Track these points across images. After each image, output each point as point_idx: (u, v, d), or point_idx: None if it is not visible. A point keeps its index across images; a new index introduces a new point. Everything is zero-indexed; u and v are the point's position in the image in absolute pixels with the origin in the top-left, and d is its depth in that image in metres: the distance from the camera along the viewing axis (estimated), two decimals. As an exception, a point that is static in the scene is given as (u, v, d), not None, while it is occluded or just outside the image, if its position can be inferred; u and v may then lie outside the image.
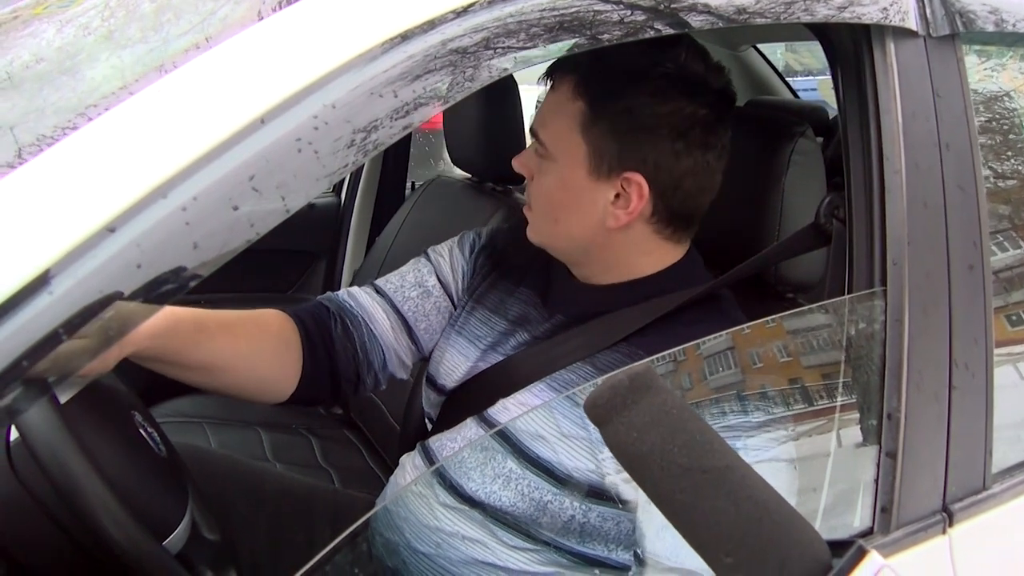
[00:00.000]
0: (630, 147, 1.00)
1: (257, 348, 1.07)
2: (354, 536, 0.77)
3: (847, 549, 0.59)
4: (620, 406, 0.58)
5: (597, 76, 1.01)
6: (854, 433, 0.90)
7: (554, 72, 1.04)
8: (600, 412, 0.59)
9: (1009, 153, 1.11)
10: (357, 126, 0.59)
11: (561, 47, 0.70)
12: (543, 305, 1.12)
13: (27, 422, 0.74)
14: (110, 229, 0.52)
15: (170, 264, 0.53)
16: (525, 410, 1.02)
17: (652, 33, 0.73)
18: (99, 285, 0.51)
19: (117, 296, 0.52)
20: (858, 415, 0.90)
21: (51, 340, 0.50)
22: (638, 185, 1.00)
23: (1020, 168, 1.14)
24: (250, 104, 0.57)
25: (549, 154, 1.04)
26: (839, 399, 0.90)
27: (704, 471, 0.57)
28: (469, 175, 1.97)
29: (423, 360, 1.23)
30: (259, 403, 1.13)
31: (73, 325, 0.51)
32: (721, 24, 0.77)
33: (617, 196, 1.01)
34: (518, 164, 1.08)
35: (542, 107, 1.06)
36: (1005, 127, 1.12)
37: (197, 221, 0.54)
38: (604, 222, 1.03)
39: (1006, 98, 1.13)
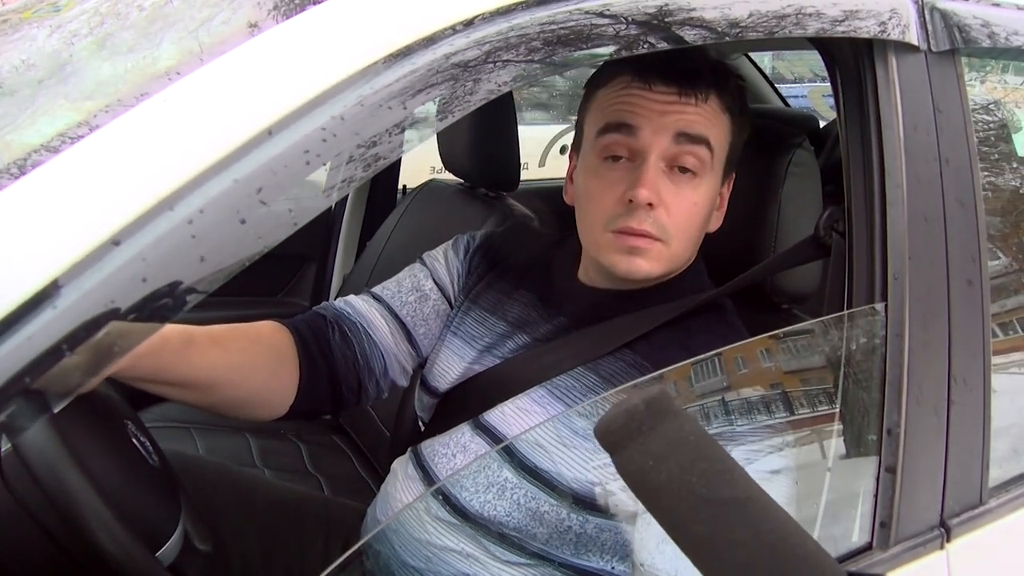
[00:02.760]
0: (738, 151, 1.07)
1: (250, 361, 1.04)
2: (350, 551, 0.76)
3: None
4: (636, 432, 0.55)
5: (727, 87, 1.03)
6: (854, 447, 0.90)
7: (699, 87, 0.99)
8: (614, 439, 0.56)
9: (1006, 167, 1.12)
10: (364, 139, 0.59)
11: (559, 61, 0.70)
12: (543, 306, 1.11)
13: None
14: (115, 242, 0.52)
15: (176, 277, 0.52)
16: (523, 415, 1.01)
17: (646, 47, 0.73)
18: (104, 299, 0.50)
19: (116, 312, 0.51)
20: (858, 429, 0.90)
21: (54, 354, 0.49)
22: (729, 183, 1.08)
23: (1016, 182, 1.14)
24: (257, 116, 0.56)
25: (709, 165, 1.01)
26: (839, 413, 0.90)
27: (724, 502, 0.55)
28: (462, 180, 1.96)
29: (423, 367, 1.22)
30: (258, 420, 1.09)
31: (77, 339, 0.50)
32: (714, 38, 0.77)
33: (718, 198, 1.06)
34: (650, 194, 0.97)
35: (698, 116, 0.99)
36: (1002, 141, 1.12)
37: (204, 234, 0.53)
38: (706, 226, 1.07)
39: (1003, 112, 1.13)
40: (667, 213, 0.99)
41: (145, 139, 0.55)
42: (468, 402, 1.08)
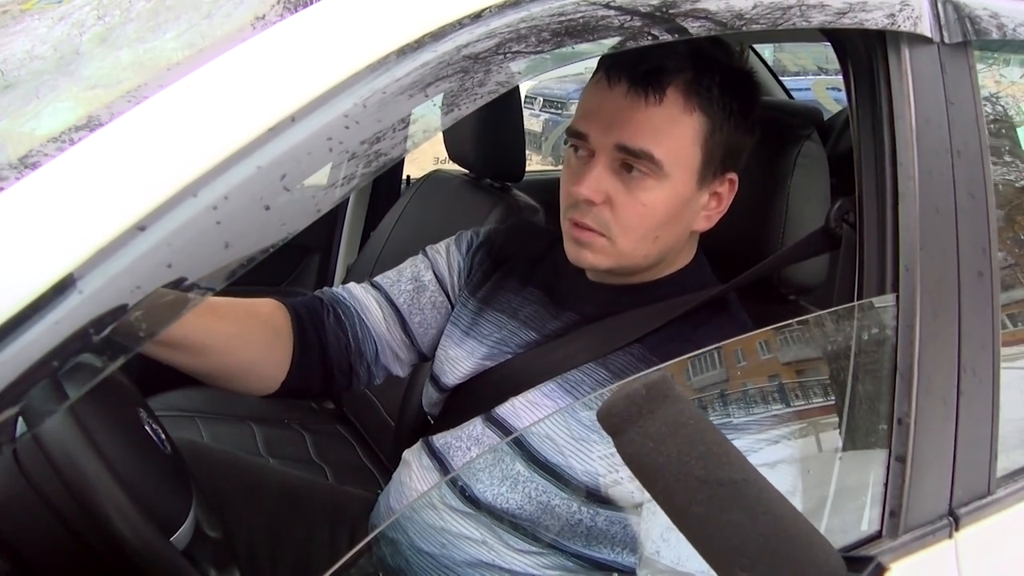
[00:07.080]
0: (737, 149, 1.03)
1: (245, 332, 1.05)
2: (370, 536, 0.76)
3: (864, 565, 0.58)
4: (636, 416, 0.57)
5: (707, 85, 0.97)
6: (864, 436, 0.90)
7: (651, 86, 0.96)
8: (615, 422, 0.58)
9: (1018, 160, 1.12)
10: (387, 126, 0.59)
11: (568, 52, 0.70)
12: (552, 303, 1.11)
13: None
14: (140, 228, 0.52)
15: (201, 263, 0.53)
16: (533, 409, 1.02)
17: (650, 39, 0.73)
18: (130, 284, 0.51)
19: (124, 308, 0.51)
20: (868, 419, 0.90)
21: (81, 338, 0.49)
22: (731, 182, 1.04)
23: (1025, 175, 1.15)
24: (280, 103, 0.57)
25: (662, 172, 0.97)
26: (849, 403, 0.90)
27: (721, 484, 0.56)
28: (466, 171, 1.96)
29: (422, 360, 1.22)
30: (249, 394, 1.10)
31: (103, 323, 0.50)
32: (719, 30, 0.77)
33: (709, 197, 1.03)
34: (591, 191, 0.97)
35: (644, 124, 0.97)
36: (1012, 134, 1.12)
37: (228, 220, 0.53)
38: (691, 226, 1.04)
39: (1013, 105, 1.14)
40: (611, 211, 0.98)
41: (168, 126, 0.55)
42: (478, 397, 1.09)
